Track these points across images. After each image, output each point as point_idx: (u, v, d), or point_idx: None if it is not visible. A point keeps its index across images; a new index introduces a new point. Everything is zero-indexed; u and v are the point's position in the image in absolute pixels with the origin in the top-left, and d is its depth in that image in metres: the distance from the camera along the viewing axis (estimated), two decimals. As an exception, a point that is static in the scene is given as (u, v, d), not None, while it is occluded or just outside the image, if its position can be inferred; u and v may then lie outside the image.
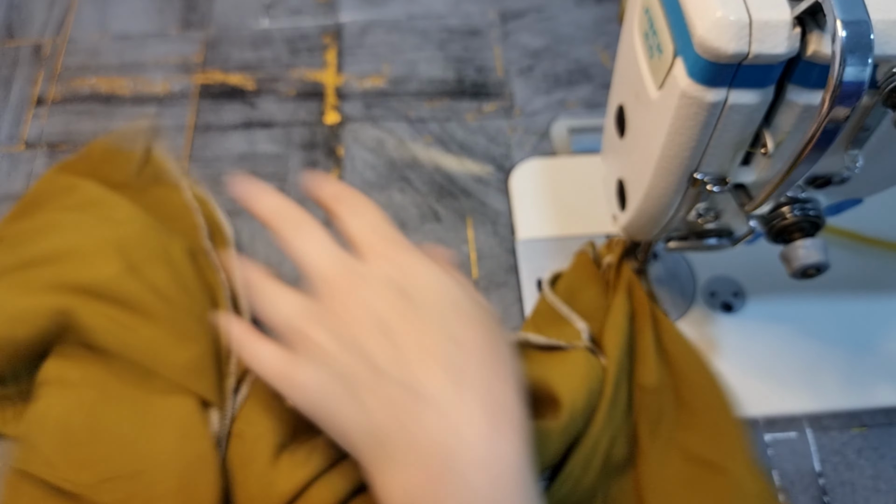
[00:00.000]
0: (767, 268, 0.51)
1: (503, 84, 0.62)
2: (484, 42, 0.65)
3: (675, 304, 0.50)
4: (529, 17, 0.66)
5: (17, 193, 0.57)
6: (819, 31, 0.26)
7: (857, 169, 0.32)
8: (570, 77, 0.62)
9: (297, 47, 0.65)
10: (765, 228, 0.37)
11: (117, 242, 0.44)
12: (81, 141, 0.59)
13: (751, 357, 0.48)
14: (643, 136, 0.35)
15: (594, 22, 0.66)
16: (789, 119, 0.30)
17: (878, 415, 0.47)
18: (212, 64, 0.64)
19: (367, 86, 0.62)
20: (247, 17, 0.67)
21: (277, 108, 0.61)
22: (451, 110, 0.61)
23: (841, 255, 0.52)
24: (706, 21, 0.27)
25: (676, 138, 0.31)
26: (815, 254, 0.35)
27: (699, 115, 0.30)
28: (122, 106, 0.61)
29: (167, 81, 0.63)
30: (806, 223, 0.35)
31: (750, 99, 0.29)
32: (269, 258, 0.53)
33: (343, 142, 0.59)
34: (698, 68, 0.28)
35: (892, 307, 0.50)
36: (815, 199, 0.36)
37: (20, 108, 0.62)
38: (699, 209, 0.37)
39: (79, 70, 0.64)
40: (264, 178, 0.57)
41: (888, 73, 0.27)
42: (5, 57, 0.65)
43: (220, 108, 0.61)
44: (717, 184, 0.33)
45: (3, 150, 0.59)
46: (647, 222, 0.38)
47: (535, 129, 0.59)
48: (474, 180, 0.57)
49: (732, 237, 0.41)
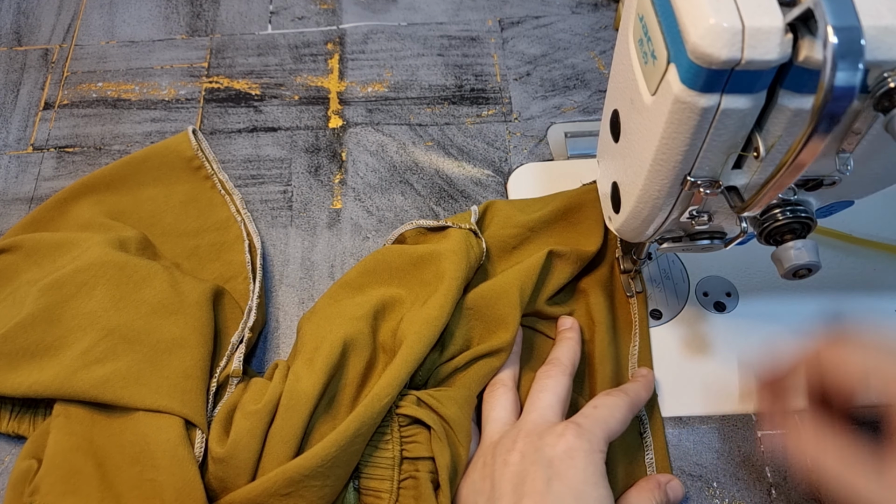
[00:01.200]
0: (759, 268, 0.52)
1: (501, 90, 0.63)
2: (483, 49, 0.66)
3: (668, 303, 0.51)
4: (527, 24, 0.67)
5: (25, 196, 0.58)
6: (811, 37, 0.27)
7: (847, 172, 0.32)
8: (566, 83, 0.63)
9: (301, 54, 0.66)
10: (757, 230, 0.37)
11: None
12: (89, 144, 0.60)
13: (743, 355, 0.49)
14: (637, 141, 0.35)
15: (590, 29, 0.67)
16: (781, 123, 0.31)
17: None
18: (217, 70, 0.65)
19: (369, 91, 0.63)
20: (252, 24, 0.68)
21: (282, 113, 0.62)
22: (451, 115, 0.62)
23: (832, 256, 0.53)
24: (699, 28, 0.27)
25: (670, 143, 0.32)
26: (806, 255, 0.35)
27: (692, 121, 0.30)
28: (129, 110, 0.63)
29: (174, 87, 0.64)
30: (797, 225, 0.36)
31: (742, 104, 0.29)
32: (272, 252, 0.54)
33: (346, 146, 0.60)
34: (691, 74, 0.28)
35: (882, 306, 0.51)
36: (807, 201, 0.37)
37: (28, 111, 0.63)
38: (692, 211, 0.37)
39: (86, 75, 0.65)
40: (269, 182, 0.58)
41: (879, 78, 0.27)
42: (14, 62, 0.66)
43: (226, 113, 0.62)
44: (710, 187, 0.34)
45: (12, 152, 0.60)
46: (640, 224, 0.39)
47: (532, 134, 0.60)
48: (473, 183, 0.58)
49: (725, 238, 0.41)
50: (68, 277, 0.47)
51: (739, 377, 0.48)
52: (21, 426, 0.46)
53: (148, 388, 0.43)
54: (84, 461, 0.42)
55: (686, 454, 0.46)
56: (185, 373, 0.44)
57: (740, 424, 0.47)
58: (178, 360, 0.45)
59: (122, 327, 0.45)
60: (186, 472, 0.41)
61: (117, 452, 0.42)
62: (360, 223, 0.56)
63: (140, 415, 0.43)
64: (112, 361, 0.44)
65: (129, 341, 0.45)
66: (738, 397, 0.48)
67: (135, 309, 0.46)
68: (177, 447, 0.41)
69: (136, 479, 0.41)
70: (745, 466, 0.46)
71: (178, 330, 0.46)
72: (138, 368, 0.44)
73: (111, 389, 0.43)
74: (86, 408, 0.43)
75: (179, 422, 0.42)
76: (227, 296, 0.50)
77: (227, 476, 0.41)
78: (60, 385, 0.43)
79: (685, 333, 0.50)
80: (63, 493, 0.41)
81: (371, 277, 0.49)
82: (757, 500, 0.45)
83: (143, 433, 0.42)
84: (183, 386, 0.44)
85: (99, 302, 0.46)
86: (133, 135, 0.61)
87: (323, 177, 0.58)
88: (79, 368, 0.43)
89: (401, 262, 0.49)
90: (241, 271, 0.52)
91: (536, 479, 0.38)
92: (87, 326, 0.45)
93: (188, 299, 0.47)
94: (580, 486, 0.38)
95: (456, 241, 0.48)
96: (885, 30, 0.26)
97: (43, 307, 0.46)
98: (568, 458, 0.38)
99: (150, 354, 0.45)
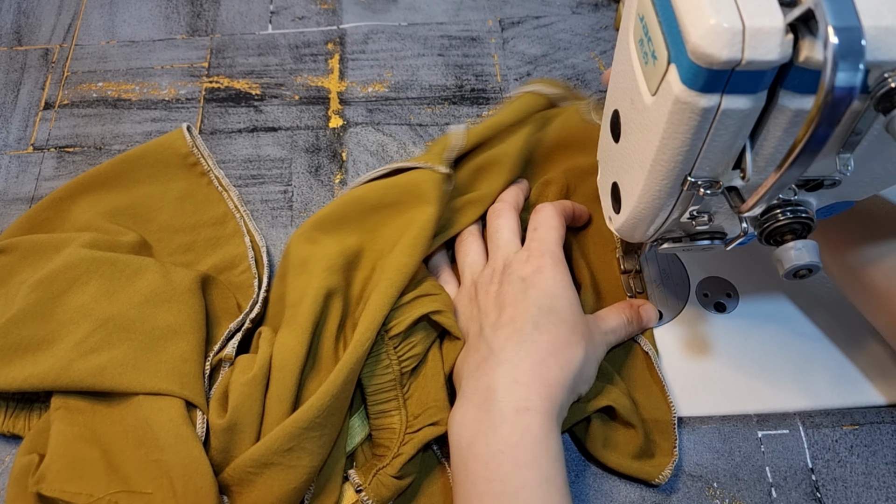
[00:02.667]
0: (760, 268, 0.52)
1: (502, 90, 0.63)
2: (483, 49, 0.66)
3: (668, 304, 0.51)
4: (527, 24, 0.67)
5: (25, 196, 0.58)
6: (811, 38, 0.27)
7: (848, 172, 0.32)
8: (566, 83, 0.63)
9: (302, 53, 0.66)
10: (757, 230, 0.37)
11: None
12: (89, 144, 0.60)
13: (744, 356, 0.49)
14: (638, 141, 0.35)
15: (590, 29, 0.67)
16: (781, 124, 0.31)
17: (869, 413, 0.48)
18: (218, 70, 0.65)
19: (369, 91, 0.63)
20: (252, 24, 0.68)
21: (282, 112, 0.62)
22: (452, 115, 0.62)
23: (832, 258, 0.53)
24: (700, 28, 0.27)
25: (670, 143, 0.32)
26: (806, 255, 0.35)
27: (692, 121, 0.30)
28: (129, 110, 0.63)
29: (174, 87, 0.64)
30: (797, 225, 0.36)
31: (742, 104, 0.29)
32: (274, 259, 0.54)
33: (346, 146, 0.60)
34: (692, 75, 0.28)
35: (882, 308, 0.51)
36: (807, 201, 0.37)
37: (29, 111, 0.63)
38: (692, 211, 0.37)
39: (86, 75, 0.65)
40: (269, 182, 0.58)
41: (879, 79, 0.27)
42: (14, 61, 0.66)
43: (227, 113, 0.62)
44: (710, 187, 0.34)
45: (12, 152, 0.60)
46: (641, 224, 0.39)
47: (534, 134, 0.60)
48: (474, 184, 0.58)
49: (725, 239, 0.41)
50: (59, 273, 0.47)
51: (739, 377, 0.48)
52: (17, 425, 0.46)
53: (146, 372, 0.43)
54: (89, 448, 0.42)
55: (686, 454, 0.46)
56: (182, 357, 0.45)
57: (740, 424, 0.47)
58: (174, 345, 0.45)
59: (116, 317, 0.45)
60: (192, 450, 0.41)
61: (121, 438, 0.42)
62: (361, 223, 0.56)
63: (140, 399, 0.43)
64: (108, 350, 0.44)
65: (124, 330, 0.45)
66: (738, 397, 0.48)
67: (128, 299, 0.46)
68: (179, 426, 0.42)
69: (142, 461, 0.41)
70: (745, 466, 0.46)
71: (172, 317, 0.46)
72: (135, 355, 0.44)
73: (109, 376, 0.43)
74: (85, 398, 0.44)
75: (180, 402, 0.43)
76: (215, 283, 0.50)
77: (231, 445, 0.42)
78: (57, 376, 0.43)
79: (685, 334, 0.50)
80: (70, 478, 0.41)
81: (345, 223, 0.51)
82: (757, 500, 0.45)
83: (144, 416, 0.42)
84: (181, 369, 0.44)
85: (91, 295, 0.46)
86: (133, 135, 0.61)
87: (323, 177, 0.58)
88: (75, 359, 0.43)
89: (373, 206, 0.51)
90: (239, 263, 0.52)
91: (515, 292, 0.44)
92: (81, 319, 0.45)
93: (180, 287, 0.47)
94: (552, 290, 0.44)
95: (428, 187, 0.50)
96: (886, 30, 0.26)
97: (34, 302, 0.46)
98: (538, 273, 0.45)
99: (146, 342, 0.45)
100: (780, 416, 0.48)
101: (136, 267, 0.48)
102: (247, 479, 0.41)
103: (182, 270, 0.49)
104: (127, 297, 0.47)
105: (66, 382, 0.43)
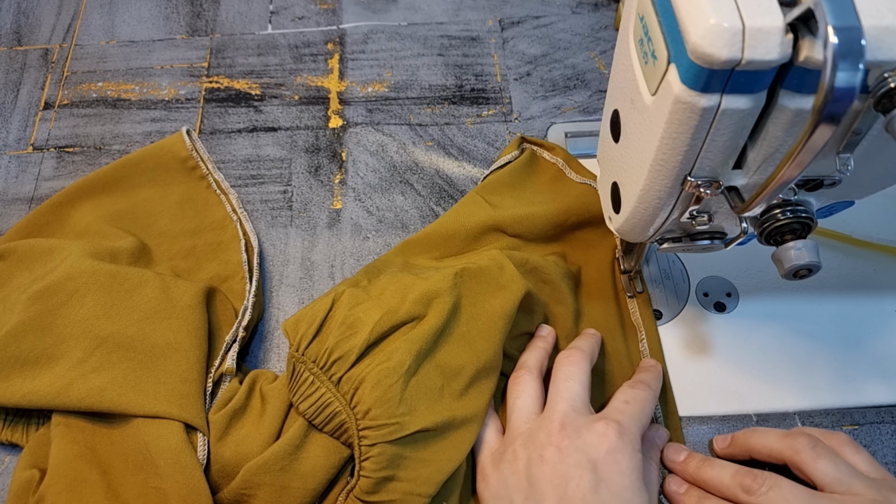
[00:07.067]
0: (759, 268, 0.52)
1: (502, 90, 0.63)
2: (483, 49, 0.66)
3: (668, 304, 0.51)
4: (527, 24, 0.67)
5: (25, 196, 0.58)
6: (811, 38, 0.27)
7: (848, 172, 0.33)
8: (566, 83, 0.63)
9: (302, 53, 0.66)
10: (757, 230, 0.37)
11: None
12: (89, 144, 0.60)
13: (743, 355, 0.49)
14: (637, 141, 0.36)
15: (590, 29, 0.67)
16: (781, 124, 0.31)
17: (868, 413, 0.48)
18: (217, 70, 0.65)
19: (369, 91, 0.63)
20: (252, 24, 0.68)
21: (282, 112, 0.62)
22: (451, 115, 0.62)
23: (832, 257, 0.53)
24: (700, 28, 0.27)
25: (670, 143, 0.32)
26: (806, 255, 0.35)
27: (692, 121, 0.30)
28: (129, 110, 0.63)
29: (174, 87, 0.64)
30: (797, 225, 0.36)
31: (742, 104, 0.29)
32: (269, 252, 0.54)
33: (346, 146, 0.60)
34: (692, 74, 0.28)
35: (882, 307, 0.51)
36: (807, 201, 0.37)
37: (28, 111, 0.63)
38: (692, 211, 0.37)
39: (86, 75, 0.65)
40: (269, 182, 0.58)
41: (879, 78, 0.27)
42: (14, 61, 0.66)
43: (226, 113, 0.62)
44: (710, 187, 0.34)
45: (12, 152, 0.60)
46: (640, 224, 0.39)
47: (532, 134, 0.60)
48: (473, 183, 0.58)
49: (725, 238, 0.41)
50: (59, 285, 0.46)
51: (739, 377, 0.48)
52: (14, 434, 0.46)
53: (145, 394, 0.43)
54: (89, 469, 0.42)
55: (686, 454, 0.46)
56: (182, 376, 0.44)
57: (740, 424, 0.47)
58: (173, 364, 0.44)
59: (115, 335, 0.45)
60: (190, 479, 0.41)
61: (121, 461, 0.42)
62: (360, 223, 0.56)
63: (140, 422, 0.43)
64: (108, 370, 0.44)
65: (123, 348, 0.45)
66: (738, 397, 0.48)
67: (127, 316, 0.46)
68: (179, 454, 0.41)
69: (141, 487, 0.41)
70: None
71: (171, 334, 0.45)
72: (135, 375, 0.44)
73: (108, 397, 0.43)
74: (85, 417, 0.43)
75: (180, 427, 0.42)
76: (219, 295, 0.50)
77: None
78: (56, 395, 0.43)
79: (685, 333, 0.50)
80: (69, 500, 0.41)
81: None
82: (757, 501, 0.45)
83: (144, 441, 0.42)
84: (180, 390, 0.44)
85: (90, 309, 0.46)
86: (133, 135, 0.61)
87: (323, 177, 0.58)
88: (75, 379, 0.43)
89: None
90: (238, 271, 0.52)
91: (582, 483, 0.37)
92: (80, 335, 0.45)
93: (180, 303, 0.47)
94: (625, 494, 0.37)
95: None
96: (886, 30, 0.26)
97: (34, 315, 0.45)
98: (613, 462, 0.38)
99: (146, 360, 0.44)
100: (779, 416, 0.47)
101: (136, 281, 0.48)
102: (242, 501, 0.41)
103: (182, 284, 0.48)
104: (126, 314, 0.46)
105: (65, 402, 0.43)
